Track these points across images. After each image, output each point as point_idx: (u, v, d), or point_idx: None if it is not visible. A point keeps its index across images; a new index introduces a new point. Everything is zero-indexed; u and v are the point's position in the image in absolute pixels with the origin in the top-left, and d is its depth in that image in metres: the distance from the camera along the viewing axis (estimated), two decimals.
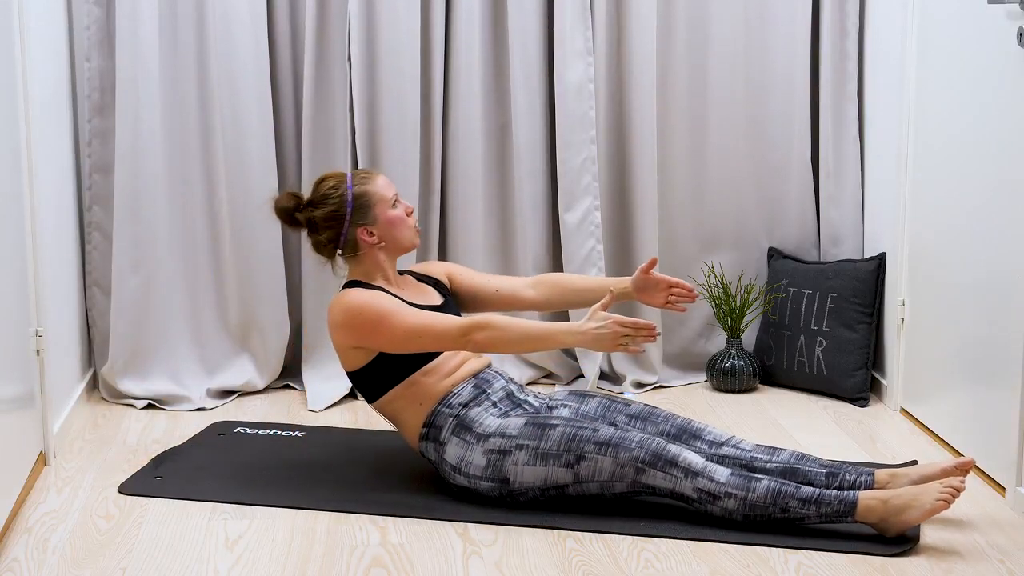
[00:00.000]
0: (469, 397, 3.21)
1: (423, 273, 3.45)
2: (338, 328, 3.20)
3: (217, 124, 4.09)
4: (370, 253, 3.29)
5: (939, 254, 3.66)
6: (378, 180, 3.29)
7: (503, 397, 3.26)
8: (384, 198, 3.27)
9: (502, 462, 3.10)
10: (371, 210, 3.26)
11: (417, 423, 3.23)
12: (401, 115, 4.13)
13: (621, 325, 3.01)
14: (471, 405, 3.20)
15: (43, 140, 3.58)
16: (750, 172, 4.35)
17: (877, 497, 2.89)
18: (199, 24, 4.07)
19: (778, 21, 4.26)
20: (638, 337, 3.00)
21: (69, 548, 2.92)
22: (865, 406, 4.05)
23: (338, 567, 2.82)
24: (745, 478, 2.96)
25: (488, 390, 3.25)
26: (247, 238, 4.15)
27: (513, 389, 3.31)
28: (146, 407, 4.08)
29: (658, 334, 3.03)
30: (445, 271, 3.49)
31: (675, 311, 3.36)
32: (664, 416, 3.27)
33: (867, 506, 2.89)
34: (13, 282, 3.15)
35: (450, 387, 3.22)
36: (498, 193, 4.30)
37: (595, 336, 3.03)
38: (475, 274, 3.50)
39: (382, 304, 3.15)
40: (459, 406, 3.19)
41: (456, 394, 3.21)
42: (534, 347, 3.10)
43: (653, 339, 3.00)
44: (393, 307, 3.15)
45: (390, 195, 3.28)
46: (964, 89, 3.45)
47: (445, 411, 3.20)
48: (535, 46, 4.19)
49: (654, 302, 3.32)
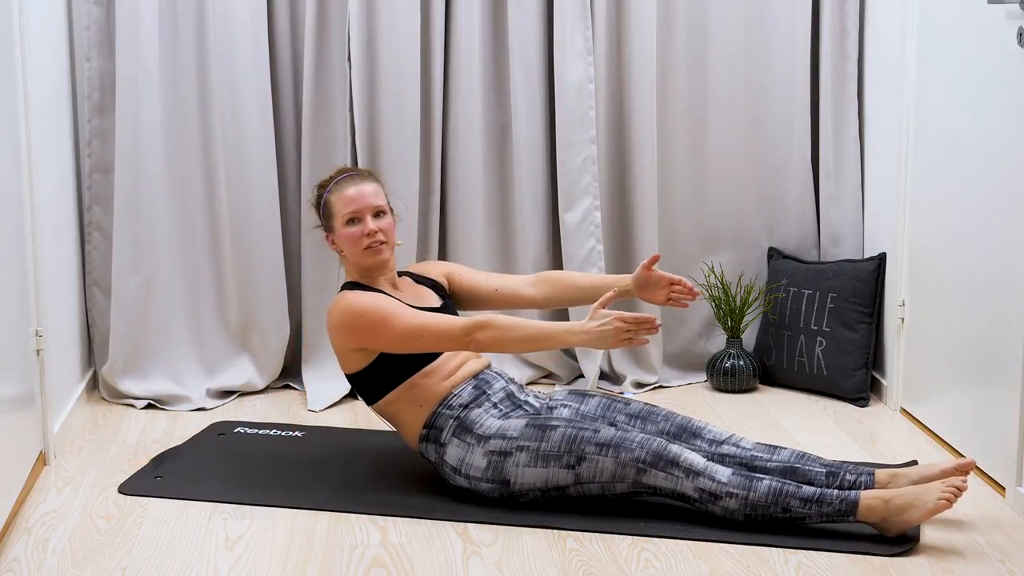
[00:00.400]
0: (469, 398, 3.21)
1: (421, 274, 3.44)
2: (338, 330, 3.19)
3: (217, 124, 4.09)
4: (345, 259, 3.31)
5: (939, 254, 3.66)
6: (345, 192, 3.25)
7: (503, 398, 3.26)
8: (339, 213, 3.25)
9: (503, 463, 3.10)
10: (331, 220, 3.28)
11: (417, 424, 3.23)
12: (401, 115, 4.13)
13: (623, 321, 3.01)
14: (471, 406, 3.20)
15: (43, 140, 3.58)
16: (750, 172, 4.35)
17: (879, 496, 2.89)
18: (199, 24, 4.07)
19: (778, 21, 4.26)
20: (640, 331, 3.01)
21: (69, 548, 2.92)
22: (865, 406, 4.05)
23: (338, 567, 2.82)
24: (746, 478, 2.96)
25: (488, 391, 3.25)
26: (247, 238, 4.15)
27: (513, 389, 3.31)
28: (146, 407, 4.08)
29: (659, 325, 3.03)
30: (443, 271, 3.48)
31: (677, 307, 3.36)
32: (664, 415, 3.27)
33: (869, 505, 2.89)
34: (13, 282, 3.15)
35: (450, 388, 3.22)
36: (498, 193, 4.30)
37: (599, 334, 3.03)
38: (475, 273, 3.50)
39: (382, 305, 3.14)
40: (459, 407, 3.19)
41: (456, 395, 3.21)
42: (537, 347, 3.10)
43: (656, 330, 3.01)
44: (393, 308, 3.14)
45: (345, 211, 3.23)
46: (964, 89, 3.45)
47: (445, 412, 3.20)
48: (535, 46, 4.19)
49: (655, 299, 3.32)
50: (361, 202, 3.23)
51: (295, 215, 4.25)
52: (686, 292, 3.30)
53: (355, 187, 3.25)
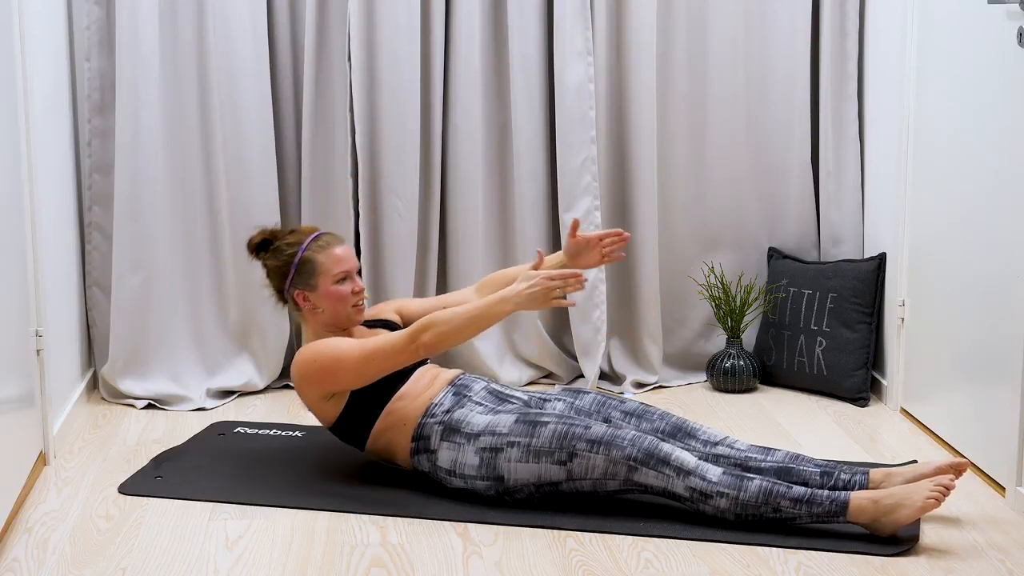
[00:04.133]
0: (451, 404, 3.24)
1: (373, 318, 3.49)
2: (303, 385, 3.27)
3: (217, 124, 4.09)
4: (311, 316, 3.34)
5: (939, 254, 3.66)
6: (334, 251, 3.32)
7: (486, 396, 3.29)
8: (329, 271, 3.30)
9: (495, 460, 3.10)
10: (313, 278, 3.31)
11: (406, 442, 3.25)
12: (401, 115, 4.13)
13: (550, 279, 3.06)
14: (454, 409, 3.21)
15: (43, 140, 3.58)
16: (750, 172, 4.35)
17: (868, 497, 2.90)
18: (199, 24, 4.07)
19: (778, 21, 4.26)
20: (568, 288, 3.06)
21: (69, 548, 2.92)
22: (865, 406, 4.05)
23: (338, 567, 2.82)
24: (737, 477, 2.96)
25: (468, 393, 3.28)
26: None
27: (496, 387, 3.33)
28: (146, 407, 4.08)
29: (585, 280, 3.08)
30: (394, 307, 3.55)
31: (614, 261, 3.38)
32: (659, 414, 3.27)
33: (858, 506, 2.89)
34: (13, 282, 3.15)
35: (429, 400, 3.26)
36: (498, 193, 4.30)
37: (528, 296, 3.07)
38: (423, 300, 3.59)
39: (331, 346, 3.22)
40: (443, 413, 3.22)
41: (437, 404, 3.24)
42: (479, 325, 3.12)
43: (582, 285, 3.06)
44: (342, 345, 3.22)
45: (338, 270, 3.30)
46: (964, 89, 3.45)
47: (430, 421, 3.22)
48: (535, 46, 4.19)
49: (591, 262, 3.38)
50: (351, 261, 3.34)
51: (295, 215, 4.25)
52: (617, 240, 3.34)
53: (341, 247, 3.34)
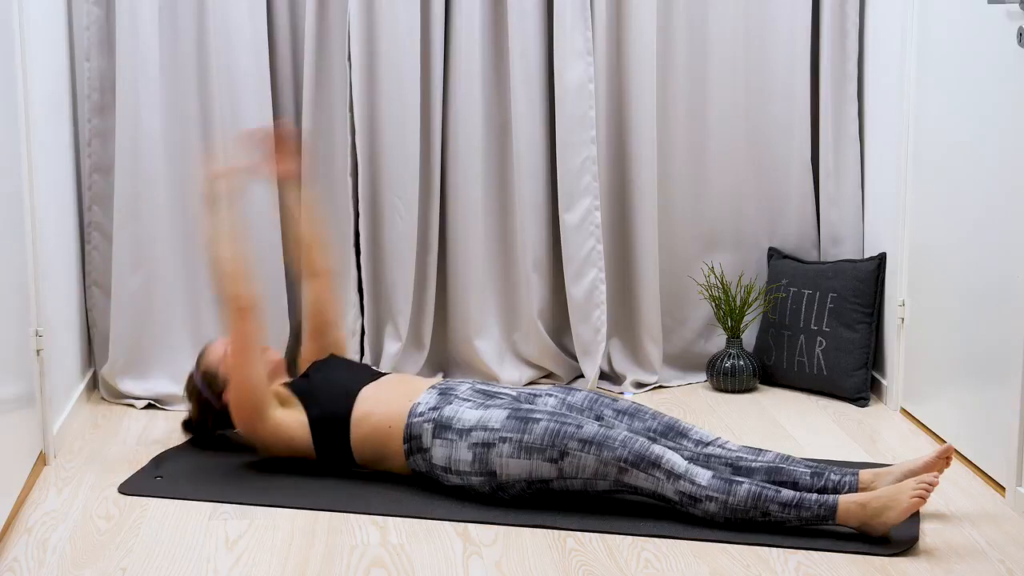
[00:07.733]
0: (437, 402, 3.23)
1: None
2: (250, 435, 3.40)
3: (217, 124, 4.08)
4: None
5: (939, 254, 3.66)
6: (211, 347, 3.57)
7: (473, 393, 3.29)
8: (217, 352, 3.52)
9: (487, 455, 3.10)
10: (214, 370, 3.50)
11: (398, 444, 3.24)
12: (401, 115, 4.13)
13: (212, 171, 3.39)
14: (442, 406, 3.21)
15: (43, 140, 3.58)
16: (750, 172, 4.35)
17: (856, 501, 2.91)
18: (199, 24, 4.07)
19: (778, 21, 4.26)
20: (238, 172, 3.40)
21: (69, 548, 2.92)
22: (865, 406, 4.05)
23: (338, 567, 2.82)
24: (726, 481, 2.96)
25: (454, 392, 3.28)
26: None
27: (481, 387, 3.33)
28: (146, 407, 4.08)
29: None
30: None
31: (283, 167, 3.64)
32: (652, 413, 3.27)
33: (847, 510, 2.90)
34: (13, 282, 3.15)
35: (409, 401, 3.27)
36: (498, 193, 4.30)
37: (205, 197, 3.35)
38: None
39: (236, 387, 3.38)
40: (430, 411, 3.21)
41: (422, 403, 3.24)
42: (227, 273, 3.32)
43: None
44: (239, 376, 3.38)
45: (222, 350, 3.50)
46: (964, 89, 3.45)
47: (418, 420, 3.21)
48: (535, 46, 4.19)
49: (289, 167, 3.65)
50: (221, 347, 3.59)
51: None
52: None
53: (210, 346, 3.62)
